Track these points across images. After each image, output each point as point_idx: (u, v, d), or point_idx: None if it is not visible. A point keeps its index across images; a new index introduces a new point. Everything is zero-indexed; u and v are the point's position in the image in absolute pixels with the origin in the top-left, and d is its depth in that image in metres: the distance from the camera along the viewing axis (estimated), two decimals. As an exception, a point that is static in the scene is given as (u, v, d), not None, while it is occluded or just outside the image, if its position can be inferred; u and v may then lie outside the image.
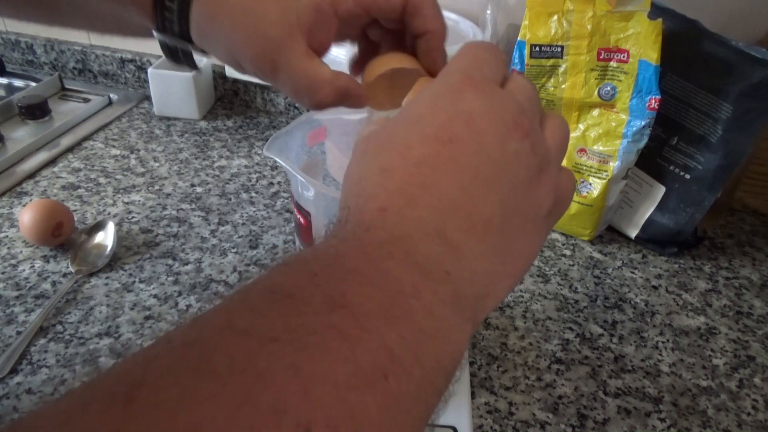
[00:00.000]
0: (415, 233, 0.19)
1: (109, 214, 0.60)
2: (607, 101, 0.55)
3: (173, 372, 0.13)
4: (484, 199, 0.20)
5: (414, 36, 0.31)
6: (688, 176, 0.57)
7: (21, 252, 0.54)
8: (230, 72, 0.81)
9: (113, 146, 0.74)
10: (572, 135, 0.58)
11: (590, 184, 0.58)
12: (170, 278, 0.52)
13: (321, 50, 0.31)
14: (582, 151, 0.58)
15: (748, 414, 0.43)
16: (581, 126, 0.57)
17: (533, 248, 0.23)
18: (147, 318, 0.47)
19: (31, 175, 0.66)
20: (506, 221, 0.21)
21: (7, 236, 0.56)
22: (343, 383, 0.14)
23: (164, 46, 0.34)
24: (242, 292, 0.16)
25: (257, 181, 0.68)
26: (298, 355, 0.14)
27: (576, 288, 0.55)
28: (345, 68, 0.33)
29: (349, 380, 0.14)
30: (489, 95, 0.22)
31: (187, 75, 0.77)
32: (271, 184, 0.68)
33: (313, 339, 0.15)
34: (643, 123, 0.54)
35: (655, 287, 0.56)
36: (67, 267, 0.52)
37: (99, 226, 0.56)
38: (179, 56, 0.34)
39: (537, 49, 0.56)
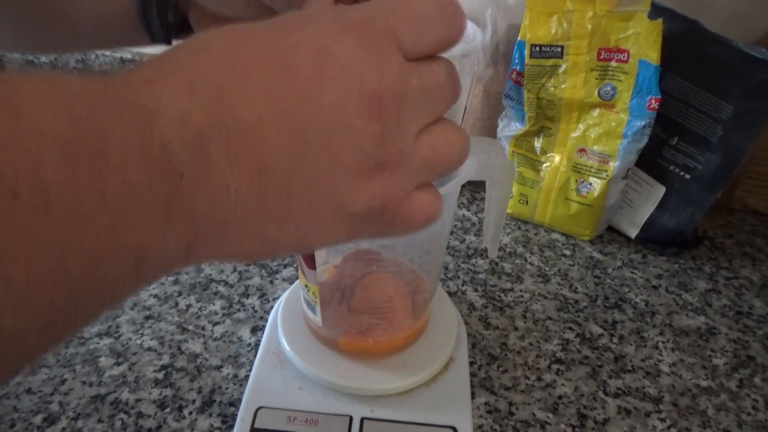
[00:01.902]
0: (168, 118, 0.16)
1: (109, 214, 0.60)
2: (607, 101, 0.55)
3: None
4: (274, 143, 0.17)
5: None
6: (688, 176, 0.57)
7: (21, 252, 0.54)
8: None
9: (113, 146, 0.73)
10: (572, 135, 0.58)
11: (590, 184, 0.58)
12: (170, 278, 0.52)
13: None
14: (582, 151, 0.58)
15: (748, 414, 0.43)
16: (581, 126, 0.57)
17: (316, 236, 0.20)
18: (147, 318, 0.47)
19: (31, 175, 0.66)
20: (290, 185, 0.18)
21: (7, 236, 0.56)
22: None
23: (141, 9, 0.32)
24: None
25: (257, 181, 0.68)
26: None
27: (576, 288, 0.55)
28: None
29: None
30: (373, 54, 0.18)
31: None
32: (271, 184, 0.68)
33: None
34: (643, 123, 0.54)
35: (655, 287, 0.56)
36: (67, 267, 0.52)
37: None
38: (154, 17, 0.32)
39: (537, 49, 0.56)
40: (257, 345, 0.44)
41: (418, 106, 0.19)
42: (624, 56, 0.53)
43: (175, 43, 0.34)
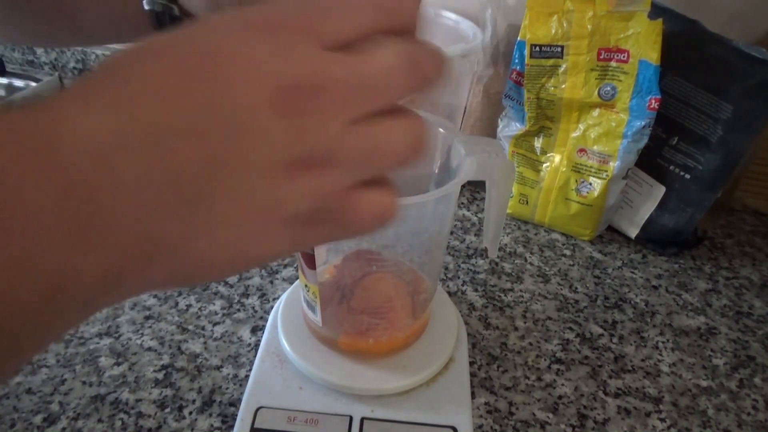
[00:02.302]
0: (72, 142, 0.15)
1: (109, 214, 0.60)
2: (607, 101, 0.55)
3: None
4: (183, 154, 0.16)
5: None
6: (688, 176, 0.57)
7: (21, 252, 0.54)
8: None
9: (113, 146, 0.74)
10: (572, 135, 0.58)
11: (590, 184, 0.58)
12: (170, 278, 0.52)
13: None
14: (582, 151, 0.58)
15: (748, 414, 0.43)
16: (581, 126, 0.57)
17: (254, 248, 0.19)
18: (147, 318, 0.47)
19: (31, 175, 0.66)
20: (207, 196, 0.17)
21: (7, 236, 0.56)
22: None
23: (154, 16, 0.33)
24: None
25: (257, 181, 0.68)
26: None
27: (576, 288, 0.55)
28: None
29: None
30: (282, 50, 0.17)
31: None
32: (271, 184, 0.68)
33: None
34: (643, 123, 0.54)
35: (655, 287, 0.56)
36: (67, 267, 0.52)
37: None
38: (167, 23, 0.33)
39: (537, 49, 0.56)
40: (257, 345, 0.44)
41: (345, 96, 0.18)
42: (624, 56, 0.53)
43: None
